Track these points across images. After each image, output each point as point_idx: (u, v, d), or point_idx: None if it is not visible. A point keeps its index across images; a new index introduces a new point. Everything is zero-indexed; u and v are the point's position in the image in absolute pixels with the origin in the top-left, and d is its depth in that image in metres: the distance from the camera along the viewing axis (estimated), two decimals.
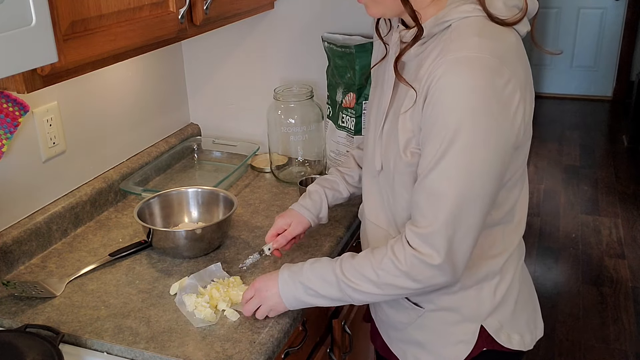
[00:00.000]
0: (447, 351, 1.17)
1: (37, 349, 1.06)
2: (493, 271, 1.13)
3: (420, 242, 1.02)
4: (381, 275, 1.06)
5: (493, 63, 0.94)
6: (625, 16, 5.75)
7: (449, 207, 0.98)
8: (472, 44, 0.95)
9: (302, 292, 1.14)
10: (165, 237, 1.41)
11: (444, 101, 0.95)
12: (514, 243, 1.16)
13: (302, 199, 1.39)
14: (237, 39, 1.92)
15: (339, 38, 1.75)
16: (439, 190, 0.98)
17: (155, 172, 1.81)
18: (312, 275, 1.13)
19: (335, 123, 1.79)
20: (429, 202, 1.00)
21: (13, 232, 1.38)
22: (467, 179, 0.97)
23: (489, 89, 0.94)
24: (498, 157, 0.98)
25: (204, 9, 1.37)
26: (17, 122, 1.35)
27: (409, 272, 1.03)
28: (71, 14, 1.00)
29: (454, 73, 0.94)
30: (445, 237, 0.99)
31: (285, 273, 1.16)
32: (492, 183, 0.99)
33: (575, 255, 3.43)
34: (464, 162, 0.96)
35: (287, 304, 1.16)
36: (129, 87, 1.77)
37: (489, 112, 0.94)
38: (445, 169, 0.96)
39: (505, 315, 1.16)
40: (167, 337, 1.16)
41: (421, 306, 1.17)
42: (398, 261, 1.04)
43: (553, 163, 4.66)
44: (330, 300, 1.13)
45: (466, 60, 0.94)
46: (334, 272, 1.11)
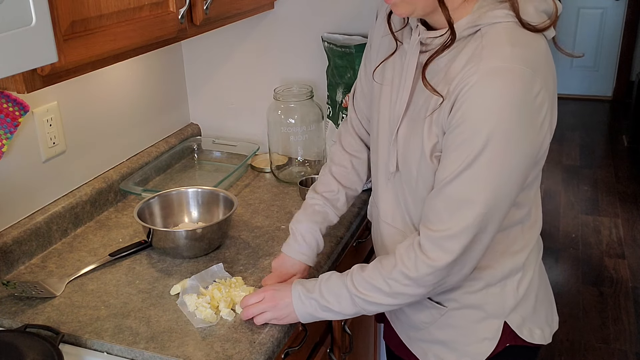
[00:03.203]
0: (472, 349, 1.17)
1: (37, 349, 1.06)
2: (516, 268, 1.14)
3: (432, 245, 1.02)
4: (392, 285, 1.06)
5: (526, 74, 0.93)
6: (625, 16, 5.75)
7: (472, 214, 0.98)
8: (506, 54, 0.94)
9: (317, 309, 1.14)
10: (165, 237, 1.41)
11: (475, 111, 0.94)
12: (533, 239, 1.17)
13: (295, 241, 1.29)
14: (237, 39, 1.92)
15: (339, 38, 1.75)
16: (463, 197, 0.98)
17: (155, 172, 1.81)
18: (326, 293, 1.12)
19: (335, 123, 1.79)
20: (450, 207, 1.00)
21: (13, 232, 1.38)
22: (493, 189, 0.97)
23: (521, 101, 0.93)
24: (523, 167, 0.99)
25: (204, 9, 1.37)
26: (17, 122, 1.35)
27: (419, 279, 1.04)
28: (71, 14, 1.00)
29: (487, 83, 0.93)
30: (461, 243, 1.00)
31: (298, 289, 1.16)
32: (515, 191, 1.00)
33: (575, 256, 3.43)
34: (492, 172, 0.96)
35: (301, 319, 1.17)
36: (129, 87, 1.77)
37: (519, 124, 0.94)
38: (472, 177, 0.96)
39: (527, 310, 1.17)
40: (167, 337, 1.16)
41: (444, 305, 1.16)
42: (407, 269, 1.04)
43: (553, 163, 4.66)
44: (345, 315, 1.14)
45: (500, 71, 0.93)
46: (345, 286, 1.11)
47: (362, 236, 1.68)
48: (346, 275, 1.12)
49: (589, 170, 4.53)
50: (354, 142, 1.35)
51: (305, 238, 1.28)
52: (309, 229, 1.29)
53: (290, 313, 1.16)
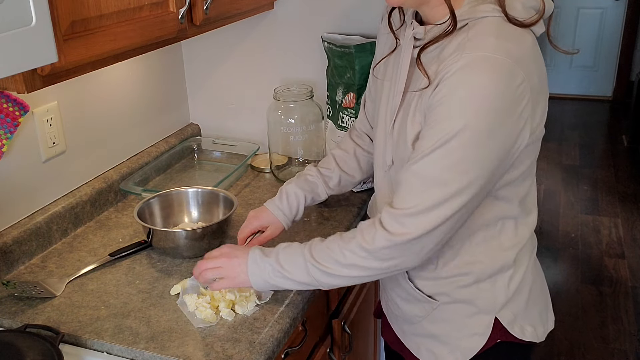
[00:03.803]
0: (462, 343, 1.18)
1: (37, 349, 1.06)
2: (507, 264, 1.14)
3: (393, 222, 1.03)
4: (348, 256, 1.07)
5: (507, 65, 0.95)
6: (625, 16, 5.75)
7: (437, 195, 0.99)
8: (489, 45, 0.96)
9: (270, 274, 1.14)
10: (165, 237, 1.41)
11: (455, 95, 0.96)
12: (526, 236, 1.17)
13: (278, 199, 1.37)
14: (237, 39, 1.92)
15: (339, 38, 1.75)
16: (430, 176, 0.99)
17: (155, 172, 1.81)
18: (281, 258, 1.14)
19: (335, 123, 1.79)
20: (416, 185, 1.01)
21: (13, 232, 1.38)
22: (461, 173, 0.98)
23: (501, 90, 0.95)
24: (494, 156, 0.99)
25: (204, 9, 1.37)
26: (17, 122, 1.35)
27: (375, 252, 1.05)
28: (71, 14, 1.00)
29: (468, 70, 0.95)
30: (423, 222, 1.00)
31: (256, 252, 1.17)
32: (485, 180, 1.01)
33: (575, 255, 3.43)
34: (462, 156, 0.97)
35: (253, 284, 1.17)
36: (129, 87, 1.77)
37: (495, 113, 0.96)
38: (441, 157, 0.98)
39: (518, 307, 1.18)
40: (167, 337, 1.16)
41: (436, 299, 1.17)
42: (365, 242, 1.05)
43: (553, 163, 4.66)
44: (298, 283, 1.14)
45: (481, 60, 0.95)
46: (303, 254, 1.12)
47: None
48: (306, 243, 1.14)
49: (589, 170, 4.53)
50: (360, 134, 1.43)
51: (289, 197, 1.36)
52: (294, 191, 1.37)
53: (242, 274, 1.16)
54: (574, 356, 2.67)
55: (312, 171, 1.41)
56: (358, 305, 1.68)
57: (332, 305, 1.53)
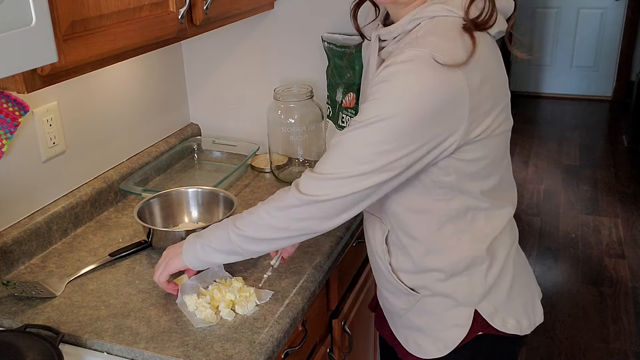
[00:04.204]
0: (444, 335, 1.20)
1: (37, 349, 1.06)
2: (480, 256, 1.15)
3: (308, 183, 1.07)
4: (264, 217, 1.11)
5: (442, 65, 0.96)
6: (625, 16, 5.75)
7: (351, 167, 1.02)
8: (428, 43, 0.99)
9: (199, 249, 1.19)
10: (166, 237, 1.41)
11: (388, 85, 0.99)
12: (498, 227, 1.17)
13: None
14: (237, 39, 1.92)
15: (339, 38, 1.75)
16: (350, 149, 1.03)
17: (155, 172, 1.81)
18: (210, 233, 1.19)
19: (335, 123, 1.79)
20: (337, 154, 1.05)
21: (13, 232, 1.38)
22: (375, 154, 1.01)
23: (432, 89, 0.98)
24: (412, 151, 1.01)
25: (204, 9, 1.37)
26: (17, 122, 1.35)
27: (286, 209, 1.09)
28: (71, 14, 1.00)
29: (405, 66, 0.98)
30: (333, 188, 1.04)
31: (191, 235, 1.23)
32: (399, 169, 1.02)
33: (575, 255, 3.43)
34: (379, 140, 1.00)
35: (186, 261, 1.22)
36: (129, 87, 1.77)
37: (424, 110, 0.98)
38: (362, 135, 1.01)
39: (499, 299, 1.18)
40: (167, 337, 1.16)
41: (417, 292, 1.19)
42: (280, 201, 1.10)
43: (553, 163, 4.66)
44: (223, 253, 1.18)
45: (418, 58, 0.98)
46: (226, 224, 1.17)
47: (362, 236, 1.68)
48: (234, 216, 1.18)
49: (589, 170, 4.53)
50: None
51: None
52: None
53: (175, 257, 1.22)
54: (574, 356, 2.67)
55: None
56: (358, 305, 1.67)
57: (332, 305, 1.54)
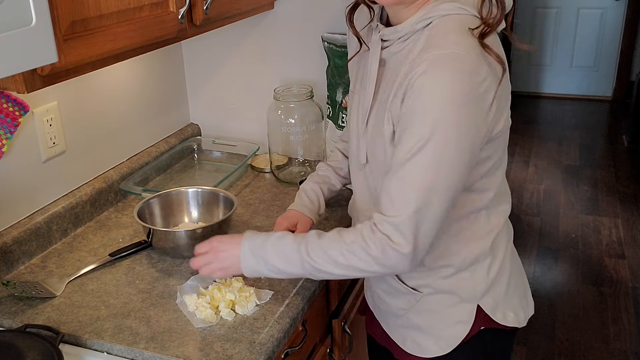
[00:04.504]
0: (447, 332, 1.20)
1: (37, 349, 1.06)
2: (483, 252, 1.17)
3: (391, 229, 1.04)
4: (349, 259, 1.08)
5: (470, 60, 0.97)
6: (625, 16, 5.74)
7: (420, 196, 1.01)
8: (450, 42, 0.98)
9: (263, 267, 1.15)
10: (165, 237, 1.41)
11: (422, 98, 0.98)
12: (498, 224, 1.19)
13: (298, 198, 1.42)
14: (237, 39, 1.92)
15: (339, 38, 1.75)
16: (413, 180, 1.01)
17: (155, 172, 1.81)
18: (275, 253, 1.14)
19: (335, 123, 1.79)
20: (400, 191, 1.02)
21: (13, 232, 1.38)
22: (438, 172, 1.00)
23: (466, 86, 0.97)
24: (468, 152, 1.01)
25: (204, 9, 1.37)
26: (17, 122, 1.35)
27: (378, 258, 1.06)
28: (71, 14, 1.00)
29: (432, 71, 0.97)
30: (412, 226, 1.02)
31: (246, 244, 1.16)
32: (461, 175, 1.03)
33: (575, 256, 3.43)
34: (438, 156, 0.99)
35: (246, 273, 1.18)
36: (129, 87, 1.77)
37: (464, 109, 0.98)
38: (420, 161, 1.00)
39: (499, 294, 1.20)
40: (167, 337, 1.16)
41: (419, 291, 1.19)
42: (368, 247, 1.06)
43: (553, 163, 4.66)
44: (290, 275, 1.17)
45: (444, 58, 0.97)
46: (299, 252, 1.12)
47: None
48: (302, 239, 1.13)
49: (589, 170, 4.52)
50: None
51: (307, 193, 1.41)
52: (310, 186, 1.42)
53: (234, 264, 1.17)
54: (575, 356, 2.67)
55: (322, 166, 1.47)
56: (358, 306, 1.67)
57: (332, 305, 1.54)
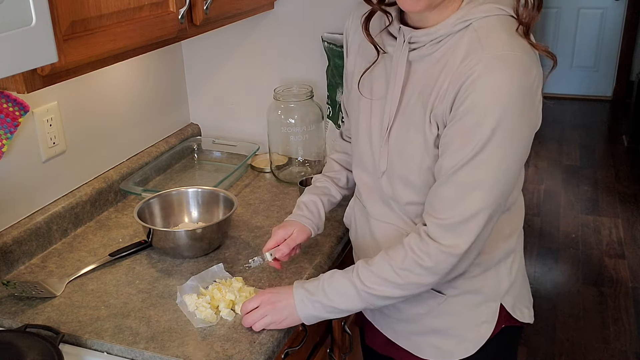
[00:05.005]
0: (471, 333, 1.19)
1: (37, 349, 1.06)
2: (508, 250, 1.18)
3: (443, 233, 1.03)
4: (404, 276, 1.07)
5: (524, 60, 0.98)
6: (625, 16, 5.74)
7: (483, 198, 1.01)
8: (504, 42, 0.99)
9: (322, 311, 1.13)
10: (166, 237, 1.41)
11: (483, 98, 0.98)
12: (520, 222, 1.22)
13: (297, 209, 1.36)
14: (237, 39, 1.92)
15: (339, 38, 1.75)
16: (475, 182, 1.01)
17: (155, 172, 1.81)
18: (330, 293, 1.11)
19: (335, 123, 1.79)
20: (461, 193, 1.02)
21: (13, 232, 1.38)
22: (501, 170, 1.01)
23: (524, 86, 0.98)
24: (525, 150, 1.04)
25: (204, 9, 1.37)
26: (17, 122, 1.35)
27: (434, 267, 1.05)
28: (71, 14, 1.00)
29: (492, 71, 0.97)
30: (475, 227, 1.02)
31: (301, 293, 1.14)
32: (518, 172, 1.06)
33: (575, 256, 3.43)
34: (501, 155, 1.00)
35: (305, 320, 1.15)
36: (129, 87, 1.77)
37: (522, 107, 0.99)
38: (483, 161, 0.99)
39: (516, 291, 1.22)
40: (167, 337, 1.16)
41: (443, 293, 1.17)
42: (421, 258, 1.05)
43: (553, 163, 4.66)
44: (351, 312, 1.14)
45: (503, 59, 0.97)
46: (352, 284, 1.10)
47: None
48: (351, 271, 1.12)
49: (589, 170, 4.52)
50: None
51: (306, 204, 1.36)
52: (309, 198, 1.37)
53: (290, 315, 1.15)
54: (575, 357, 2.67)
55: (320, 178, 1.42)
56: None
57: None
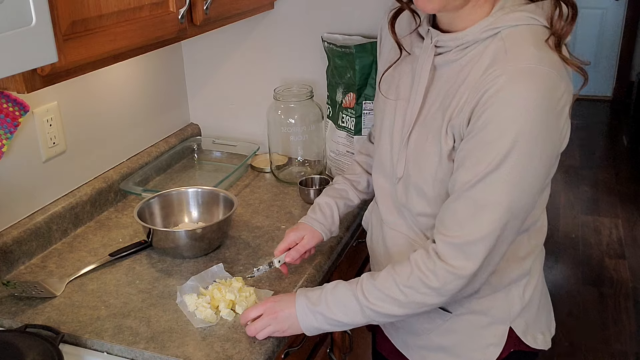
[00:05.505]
0: (477, 355, 1.15)
1: (37, 349, 1.06)
2: (522, 273, 1.13)
3: (452, 252, 0.99)
4: (409, 294, 1.02)
5: (552, 76, 0.92)
6: (625, 16, 5.75)
7: (495, 217, 0.95)
8: (531, 55, 0.93)
9: (323, 322, 1.10)
10: (166, 237, 1.41)
11: (503, 113, 0.92)
12: (539, 245, 1.16)
13: (312, 212, 1.34)
14: (237, 39, 1.92)
15: (339, 38, 1.75)
16: (487, 200, 0.96)
17: (155, 172, 1.81)
18: (332, 305, 1.09)
19: (335, 123, 1.79)
20: (472, 212, 0.97)
21: (13, 232, 1.38)
22: (518, 191, 0.95)
23: (547, 103, 0.92)
24: (545, 169, 0.98)
25: (204, 9, 1.37)
26: (17, 122, 1.35)
27: (441, 288, 1.01)
28: (71, 14, 1.00)
29: (514, 85, 0.91)
30: (486, 247, 0.97)
31: (302, 302, 1.12)
32: (536, 194, 0.99)
33: (576, 256, 3.43)
34: (518, 174, 0.94)
35: (307, 332, 1.14)
36: (129, 87, 1.77)
37: (544, 126, 0.93)
38: (498, 179, 0.94)
39: (530, 315, 1.16)
40: (167, 337, 1.16)
41: (449, 311, 1.14)
42: (427, 277, 1.01)
43: None
44: (353, 326, 1.11)
45: (527, 73, 0.92)
46: (355, 297, 1.07)
47: (362, 236, 1.68)
48: (355, 284, 1.08)
49: (589, 170, 4.52)
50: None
51: (321, 207, 1.33)
52: (325, 200, 1.34)
53: (293, 325, 1.13)
54: (575, 357, 2.66)
55: (339, 179, 1.39)
56: None
57: None
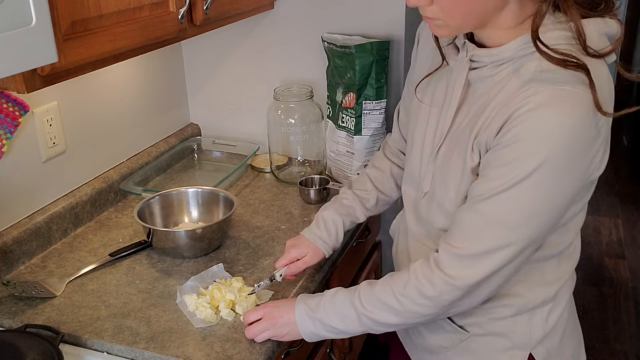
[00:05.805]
0: None
1: (37, 349, 1.06)
2: (547, 299, 1.09)
3: (451, 262, 0.97)
4: (405, 303, 1.01)
5: (588, 99, 0.88)
6: (625, 16, 5.75)
7: (503, 237, 0.94)
8: (568, 77, 0.89)
9: (321, 329, 1.10)
10: (166, 237, 1.41)
11: (533, 133, 0.89)
12: (568, 272, 1.12)
13: (316, 226, 1.31)
14: (237, 39, 1.92)
15: (339, 38, 1.75)
16: (498, 217, 0.93)
17: (155, 172, 1.81)
18: (331, 312, 1.08)
19: (335, 123, 1.79)
20: (480, 226, 0.95)
21: (13, 232, 1.38)
22: (531, 216, 0.93)
23: (581, 128, 0.89)
24: (565, 197, 0.94)
25: (204, 9, 1.37)
26: (17, 122, 1.35)
27: (436, 298, 0.99)
28: (71, 14, 1.00)
29: (549, 106, 0.88)
30: (488, 263, 0.95)
31: (301, 308, 1.11)
32: (553, 222, 0.96)
33: None
34: (535, 197, 0.91)
35: (306, 338, 1.13)
36: (129, 87, 1.77)
37: (574, 152, 0.90)
38: (513, 199, 0.91)
39: (553, 344, 1.12)
40: (167, 337, 1.16)
41: (467, 330, 1.11)
42: (423, 286, 0.99)
43: None
44: (351, 334, 1.11)
45: (562, 95, 0.88)
46: (353, 305, 1.06)
47: (362, 236, 1.69)
48: (354, 291, 1.08)
49: None
50: (396, 152, 1.35)
51: (326, 223, 1.30)
52: (332, 217, 1.31)
53: (292, 331, 1.12)
54: None
55: (348, 194, 1.34)
56: None
57: None
